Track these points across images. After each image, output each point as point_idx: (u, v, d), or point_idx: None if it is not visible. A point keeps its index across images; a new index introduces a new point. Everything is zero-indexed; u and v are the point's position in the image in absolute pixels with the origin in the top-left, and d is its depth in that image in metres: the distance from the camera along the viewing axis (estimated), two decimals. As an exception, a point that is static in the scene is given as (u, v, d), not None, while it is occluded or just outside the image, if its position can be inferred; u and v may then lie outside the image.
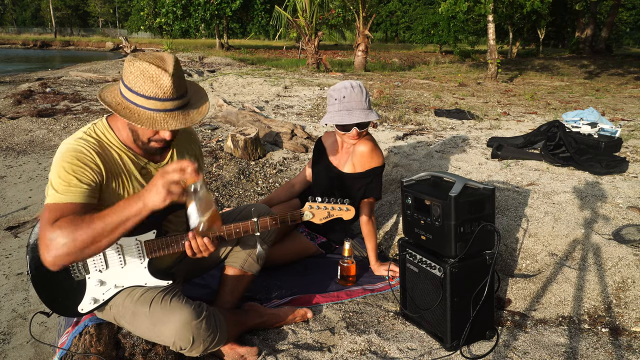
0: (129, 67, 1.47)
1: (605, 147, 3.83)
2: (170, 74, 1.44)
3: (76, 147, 1.52)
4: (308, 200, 1.89)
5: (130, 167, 1.63)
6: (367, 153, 2.43)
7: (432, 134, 4.93)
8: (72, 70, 13.78)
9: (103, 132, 1.61)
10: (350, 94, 2.34)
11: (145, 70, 1.44)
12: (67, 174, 1.47)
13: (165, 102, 1.46)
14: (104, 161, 1.55)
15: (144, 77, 1.44)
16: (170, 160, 1.74)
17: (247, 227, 1.77)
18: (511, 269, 2.50)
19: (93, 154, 1.52)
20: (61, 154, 1.51)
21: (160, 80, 1.44)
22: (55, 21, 53.41)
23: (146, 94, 1.44)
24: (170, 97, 1.46)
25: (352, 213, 1.89)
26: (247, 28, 30.42)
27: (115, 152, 1.60)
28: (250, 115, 5.65)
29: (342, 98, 2.35)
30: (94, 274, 1.64)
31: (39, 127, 6.00)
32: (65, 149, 1.52)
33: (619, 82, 11.94)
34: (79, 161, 1.50)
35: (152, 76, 1.44)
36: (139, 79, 1.44)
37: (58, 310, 1.68)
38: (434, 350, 1.92)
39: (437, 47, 30.28)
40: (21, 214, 3.52)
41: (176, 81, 1.46)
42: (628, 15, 28.96)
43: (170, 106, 1.47)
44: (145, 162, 1.67)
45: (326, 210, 1.88)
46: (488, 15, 12.09)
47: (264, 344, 1.94)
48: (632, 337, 1.98)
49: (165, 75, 1.44)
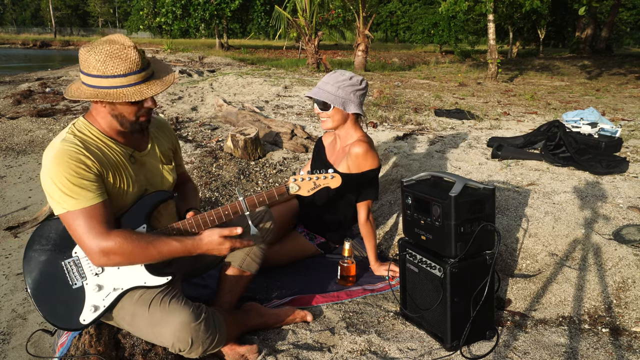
0: (90, 57, 1.49)
1: (606, 147, 3.83)
2: (133, 47, 1.51)
3: (63, 148, 1.52)
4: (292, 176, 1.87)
5: (119, 158, 1.64)
6: (362, 155, 2.41)
7: (432, 134, 4.93)
8: (72, 70, 13.78)
9: (85, 129, 1.62)
10: (329, 75, 2.40)
11: (110, 52, 1.48)
12: (72, 176, 1.48)
13: (139, 73, 1.52)
14: (93, 154, 1.56)
15: (112, 58, 1.48)
16: (152, 147, 1.78)
17: (235, 207, 1.75)
18: (511, 269, 2.50)
19: (81, 150, 1.54)
20: (52, 161, 1.50)
21: (128, 56, 1.49)
22: (55, 21, 53.39)
23: (121, 72, 1.49)
24: (141, 67, 1.53)
25: (338, 180, 1.84)
26: (247, 28, 30.40)
27: (102, 146, 1.61)
28: (250, 115, 5.64)
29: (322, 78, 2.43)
30: (91, 278, 1.63)
31: (39, 127, 6.00)
32: (54, 154, 1.51)
33: (620, 82, 11.93)
34: (74, 160, 1.50)
35: (119, 55, 1.49)
36: (108, 62, 1.48)
37: (61, 324, 1.65)
38: (434, 351, 1.92)
39: (437, 47, 30.25)
40: (21, 214, 3.51)
41: (139, 52, 1.53)
42: (628, 15, 28.92)
43: (145, 75, 1.55)
44: (132, 151, 1.69)
45: (311, 180, 1.83)
46: (488, 14, 12.08)
47: (264, 344, 1.94)
48: (632, 337, 1.98)
49: (130, 50, 1.50)
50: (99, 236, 1.50)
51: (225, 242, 1.67)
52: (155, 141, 1.82)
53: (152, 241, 1.56)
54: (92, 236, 1.50)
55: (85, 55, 1.50)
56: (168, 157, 1.87)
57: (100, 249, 1.50)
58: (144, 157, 1.74)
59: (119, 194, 1.63)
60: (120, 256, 1.52)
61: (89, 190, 1.51)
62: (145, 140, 1.78)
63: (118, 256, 1.52)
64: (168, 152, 1.88)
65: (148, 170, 1.75)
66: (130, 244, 1.52)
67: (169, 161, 1.87)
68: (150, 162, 1.77)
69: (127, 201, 1.66)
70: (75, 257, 1.63)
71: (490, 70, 12.48)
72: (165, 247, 1.58)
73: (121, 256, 1.53)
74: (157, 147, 1.81)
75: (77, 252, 1.63)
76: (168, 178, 1.83)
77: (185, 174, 2.08)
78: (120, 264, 1.57)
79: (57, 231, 1.65)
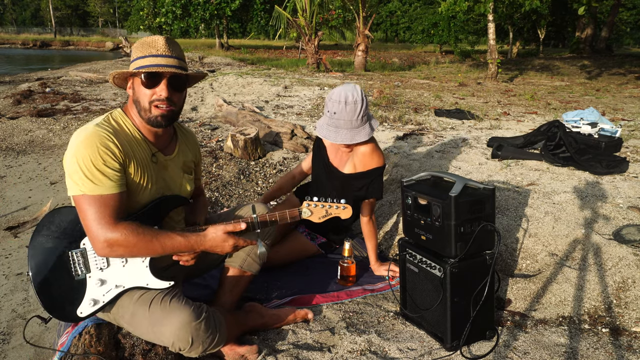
0: (133, 47, 1.67)
1: (606, 147, 3.83)
2: (164, 38, 1.63)
3: (96, 132, 1.56)
4: (305, 199, 1.88)
5: (144, 153, 1.67)
6: (368, 153, 2.41)
7: (432, 134, 4.93)
8: (72, 70, 13.78)
9: (120, 119, 1.67)
10: (341, 110, 2.24)
11: (143, 41, 1.64)
12: (98, 162, 1.52)
13: (160, 57, 1.60)
14: (122, 144, 1.59)
15: (142, 45, 1.63)
16: (177, 155, 1.82)
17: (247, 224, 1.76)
18: (511, 269, 2.50)
19: (112, 137, 1.57)
20: (82, 142, 1.53)
21: (154, 42, 1.61)
22: (55, 21, 53.41)
23: (144, 54, 1.61)
24: (164, 53, 1.60)
25: (349, 211, 1.88)
26: (247, 28, 30.40)
27: (131, 138, 1.65)
28: (250, 115, 5.64)
29: (333, 114, 2.27)
30: (95, 272, 1.64)
31: (39, 127, 6.00)
32: (85, 136, 1.54)
33: (620, 82, 11.93)
34: (103, 146, 1.53)
35: (148, 42, 1.63)
36: (138, 49, 1.63)
37: (57, 314, 1.64)
38: (434, 351, 1.92)
39: (437, 47, 30.26)
40: (21, 214, 3.51)
41: (170, 44, 1.63)
42: (628, 15, 28.93)
43: (165, 61, 1.60)
44: (156, 151, 1.73)
45: (324, 208, 1.86)
46: (488, 14, 12.08)
47: (264, 344, 1.94)
48: (632, 337, 1.98)
49: (159, 39, 1.62)
50: (106, 226, 1.51)
51: (229, 239, 1.68)
52: (181, 149, 1.86)
53: (156, 235, 1.58)
54: (101, 225, 1.51)
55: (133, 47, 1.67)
56: (190, 167, 1.91)
57: (106, 239, 1.51)
58: (167, 161, 1.77)
59: (137, 189, 1.64)
60: (124, 248, 1.54)
61: (110, 179, 1.53)
62: (172, 146, 1.82)
63: (122, 248, 1.53)
64: (190, 164, 1.92)
65: (169, 175, 1.78)
66: (135, 237, 1.53)
67: (190, 172, 1.90)
68: (172, 168, 1.79)
69: (142, 199, 1.66)
70: (83, 248, 1.63)
71: (490, 70, 12.48)
72: (169, 241, 1.59)
73: (125, 248, 1.54)
74: (181, 156, 1.85)
75: (85, 244, 1.63)
76: (186, 187, 1.85)
77: (200, 187, 2.10)
78: (123, 255, 1.58)
79: (69, 220, 1.65)
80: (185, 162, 1.87)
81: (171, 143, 1.81)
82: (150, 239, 1.56)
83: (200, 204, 2.05)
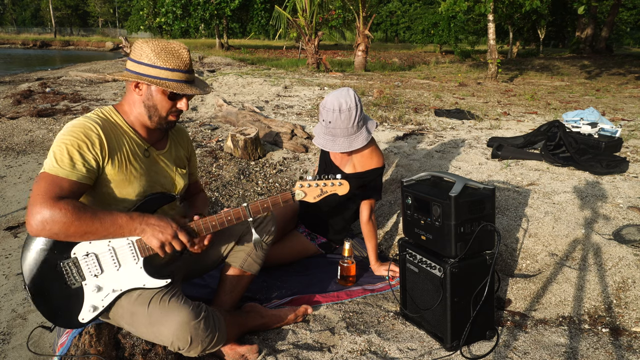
0: (146, 47, 1.62)
1: (606, 147, 3.83)
2: (187, 50, 1.66)
3: (82, 122, 1.59)
4: (299, 180, 1.86)
5: (133, 146, 1.68)
6: (367, 154, 2.43)
7: (432, 134, 4.93)
8: (72, 70, 13.78)
9: (109, 114, 1.69)
10: (336, 119, 2.25)
11: (166, 47, 1.62)
12: (72, 148, 1.52)
13: (185, 73, 1.64)
14: (107, 136, 1.60)
15: (166, 53, 1.61)
16: (169, 149, 1.83)
17: (238, 213, 1.74)
18: (511, 269, 2.50)
19: (98, 129, 1.59)
20: (67, 129, 1.57)
21: (181, 54, 1.63)
22: (55, 21, 53.40)
23: (171, 66, 1.61)
24: (188, 69, 1.65)
25: (346, 187, 1.79)
26: (247, 28, 30.40)
27: (120, 132, 1.66)
28: (250, 115, 5.64)
29: (328, 123, 2.28)
30: (90, 279, 1.63)
31: (39, 127, 6.00)
32: (72, 124, 1.59)
33: (620, 82, 11.94)
34: (84, 135, 1.55)
35: (173, 52, 1.62)
36: (161, 54, 1.60)
37: (60, 322, 1.64)
38: (434, 351, 1.92)
39: (437, 47, 30.26)
40: (21, 214, 3.51)
41: (190, 57, 1.66)
42: (628, 15, 28.93)
43: (189, 78, 1.66)
44: (148, 146, 1.74)
45: (318, 187, 1.78)
46: (488, 14, 12.08)
47: (264, 344, 1.94)
48: (632, 337, 1.98)
49: (184, 50, 1.65)
50: (45, 203, 1.45)
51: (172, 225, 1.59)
52: (173, 144, 1.87)
53: (96, 213, 1.51)
54: (40, 202, 1.45)
55: (141, 44, 1.63)
56: (183, 161, 1.91)
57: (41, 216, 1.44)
58: (159, 156, 1.78)
59: (125, 181, 1.64)
60: (59, 225, 1.45)
61: (74, 165, 1.51)
62: (164, 141, 1.83)
63: (57, 225, 1.45)
64: (183, 158, 1.92)
65: (160, 169, 1.78)
66: (73, 214, 1.46)
67: (184, 166, 1.90)
68: (164, 162, 1.80)
69: (132, 192, 1.65)
70: (74, 257, 1.62)
71: (490, 70, 12.48)
72: (110, 217, 1.52)
73: (61, 225, 1.45)
74: (173, 151, 1.86)
75: (75, 253, 1.62)
76: (179, 181, 1.85)
77: (198, 185, 2.10)
78: (58, 235, 1.48)
79: None
80: (178, 156, 1.88)
81: (163, 138, 1.83)
82: (91, 216, 1.49)
83: (200, 201, 2.05)
